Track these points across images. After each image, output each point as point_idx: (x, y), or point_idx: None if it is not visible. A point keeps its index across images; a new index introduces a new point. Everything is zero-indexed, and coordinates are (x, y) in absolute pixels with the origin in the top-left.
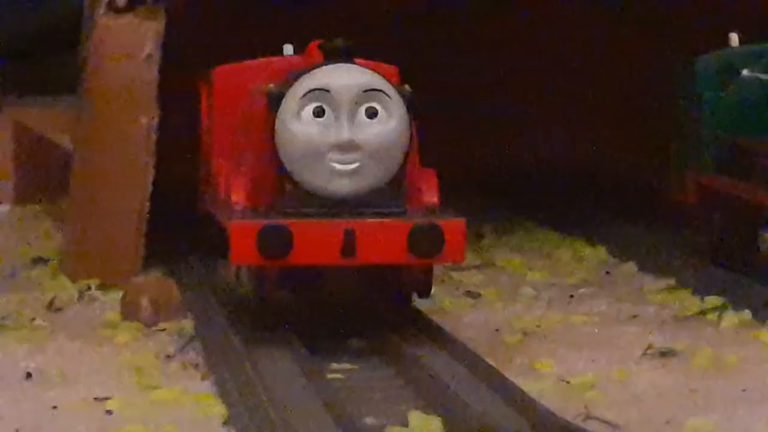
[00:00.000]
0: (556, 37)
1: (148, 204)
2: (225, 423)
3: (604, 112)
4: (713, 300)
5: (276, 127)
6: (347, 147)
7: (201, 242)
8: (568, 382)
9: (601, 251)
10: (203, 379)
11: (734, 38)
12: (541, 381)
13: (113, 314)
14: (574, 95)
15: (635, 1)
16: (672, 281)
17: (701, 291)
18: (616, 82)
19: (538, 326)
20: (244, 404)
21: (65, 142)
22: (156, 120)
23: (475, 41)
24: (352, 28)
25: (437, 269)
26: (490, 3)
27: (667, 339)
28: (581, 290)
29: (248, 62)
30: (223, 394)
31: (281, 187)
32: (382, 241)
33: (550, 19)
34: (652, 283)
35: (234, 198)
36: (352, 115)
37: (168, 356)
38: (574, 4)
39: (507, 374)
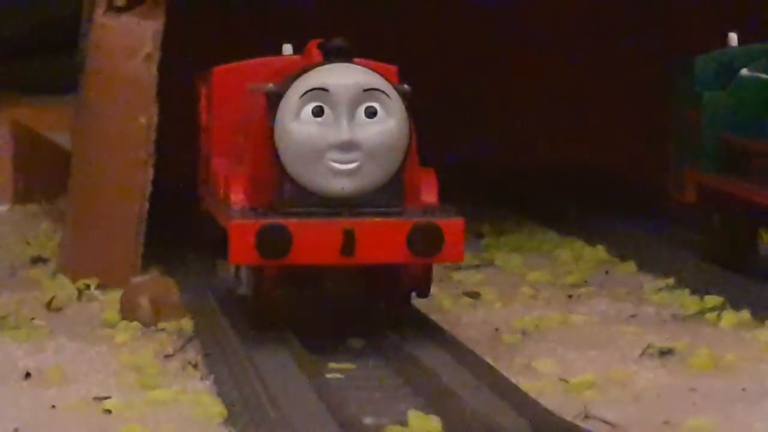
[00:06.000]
0: (556, 37)
1: (147, 203)
2: (224, 422)
3: (604, 112)
4: (712, 299)
5: (275, 127)
6: (346, 146)
7: (200, 242)
8: (567, 382)
9: (601, 251)
10: (202, 378)
11: (733, 38)
12: (541, 380)
13: (112, 314)
14: (573, 95)
15: (635, 1)
16: (671, 281)
17: (700, 290)
18: (615, 81)
19: (538, 326)
20: (243, 403)
21: (65, 141)
22: (155, 119)
23: (475, 41)
24: (352, 28)
25: (436, 269)
26: (491, 3)
27: (666, 338)
28: (581, 290)
29: (247, 62)
30: (223, 394)
31: (280, 187)
32: (382, 240)
33: (551, 19)
34: (651, 283)
35: (233, 198)
36: (352, 114)
37: (167, 356)
38: (574, 3)
39: (506, 374)
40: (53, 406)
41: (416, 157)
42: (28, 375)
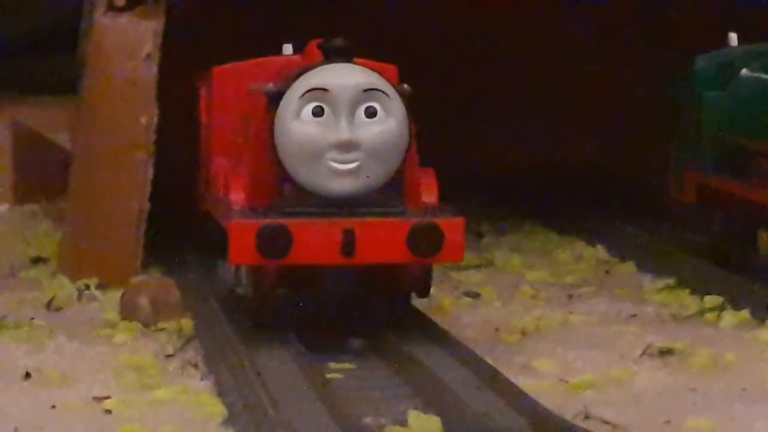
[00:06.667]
0: (556, 37)
1: (147, 203)
2: (224, 422)
3: (604, 112)
4: (712, 299)
5: (275, 127)
6: (347, 146)
7: (200, 242)
8: (567, 382)
9: (601, 251)
10: (202, 378)
11: (733, 38)
12: (540, 380)
13: (112, 314)
14: (573, 95)
15: (635, 1)
16: (671, 281)
17: (700, 290)
18: (615, 81)
19: (538, 326)
20: (243, 403)
21: (65, 141)
22: (155, 119)
23: (476, 41)
24: (352, 28)
25: (436, 269)
26: (491, 2)
27: (666, 338)
28: (581, 290)
29: (248, 62)
30: (222, 394)
31: (280, 187)
32: (382, 240)
33: (551, 19)
34: (651, 283)
35: (233, 197)
36: (352, 114)
37: (167, 356)
38: (574, 3)
39: (506, 374)
40: (53, 406)
41: (416, 157)
42: (28, 375)
